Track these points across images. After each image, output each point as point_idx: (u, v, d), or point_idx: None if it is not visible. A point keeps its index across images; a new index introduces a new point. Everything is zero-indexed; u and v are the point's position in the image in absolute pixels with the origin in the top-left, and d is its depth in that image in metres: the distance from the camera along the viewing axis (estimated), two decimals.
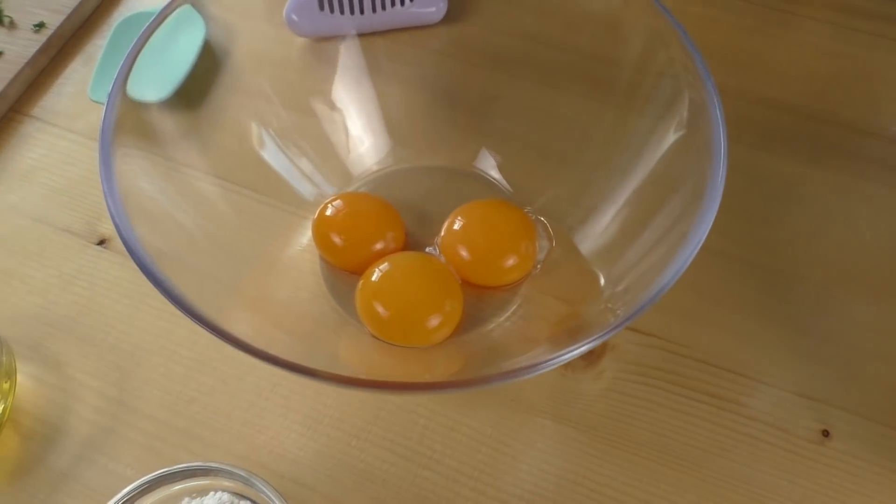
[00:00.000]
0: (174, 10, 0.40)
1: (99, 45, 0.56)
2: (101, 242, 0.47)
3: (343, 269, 0.44)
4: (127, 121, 0.37)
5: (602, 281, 0.39)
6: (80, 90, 0.54)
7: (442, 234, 0.44)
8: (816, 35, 0.55)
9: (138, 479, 0.35)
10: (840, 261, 0.45)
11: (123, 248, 0.33)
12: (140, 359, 0.43)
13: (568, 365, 0.42)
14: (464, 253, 0.43)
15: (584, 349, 0.31)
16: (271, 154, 0.45)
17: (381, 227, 0.44)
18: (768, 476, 0.39)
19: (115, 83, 0.37)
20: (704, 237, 0.33)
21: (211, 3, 0.42)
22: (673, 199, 0.37)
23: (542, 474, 0.39)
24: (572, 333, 0.38)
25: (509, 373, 0.30)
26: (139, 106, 0.38)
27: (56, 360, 0.43)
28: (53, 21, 0.56)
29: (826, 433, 0.40)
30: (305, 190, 0.46)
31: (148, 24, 0.39)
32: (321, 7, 0.48)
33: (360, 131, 0.48)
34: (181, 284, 0.32)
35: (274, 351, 0.31)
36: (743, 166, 0.48)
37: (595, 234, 0.42)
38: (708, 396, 0.41)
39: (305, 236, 0.45)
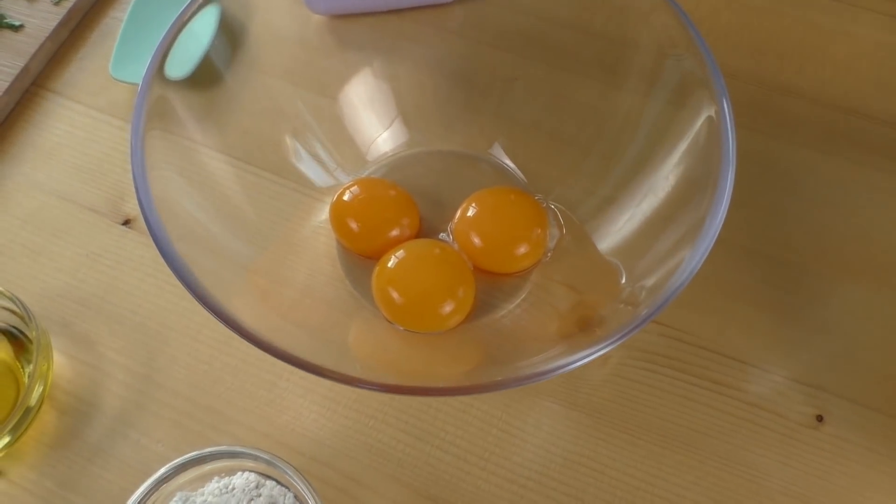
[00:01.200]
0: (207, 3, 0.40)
1: (117, 19, 0.57)
2: (126, 223, 0.48)
3: (359, 253, 0.45)
4: (154, 106, 0.38)
5: (623, 276, 0.40)
6: (100, 66, 0.54)
7: (455, 220, 0.45)
8: (835, 17, 0.55)
9: (168, 454, 0.37)
10: (843, 252, 0.46)
11: (147, 230, 0.34)
12: (167, 338, 0.44)
13: None
14: (476, 240, 0.44)
15: (603, 351, 0.32)
16: (287, 136, 0.46)
17: (397, 214, 0.45)
18: (764, 459, 0.41)
19: (147, 75, 0.37)
20: (717, 234, 0.34)
21: None
22: (686, 193, 0.38)
23: (549, 455, 0.41)
24: (583, 324, 0.40)
25: (528, 377, 0.32)
26: (163, 87, 0.39)
27: (86, 337, 0.45)
28: None
29: (820, 418, 0.42)
30: (320, 172, 0.47)
31: (181, 12, 0.39)
32: None
33: (376, 113, 0.49)
34: (200, 273, 0.34)
35: (288, 343, 0.32)
36: (755, 155, 0.48)
37: (607, 225, 0.43)
38: (709, 382, 0.43)
39: (321, 219, 0.46)
